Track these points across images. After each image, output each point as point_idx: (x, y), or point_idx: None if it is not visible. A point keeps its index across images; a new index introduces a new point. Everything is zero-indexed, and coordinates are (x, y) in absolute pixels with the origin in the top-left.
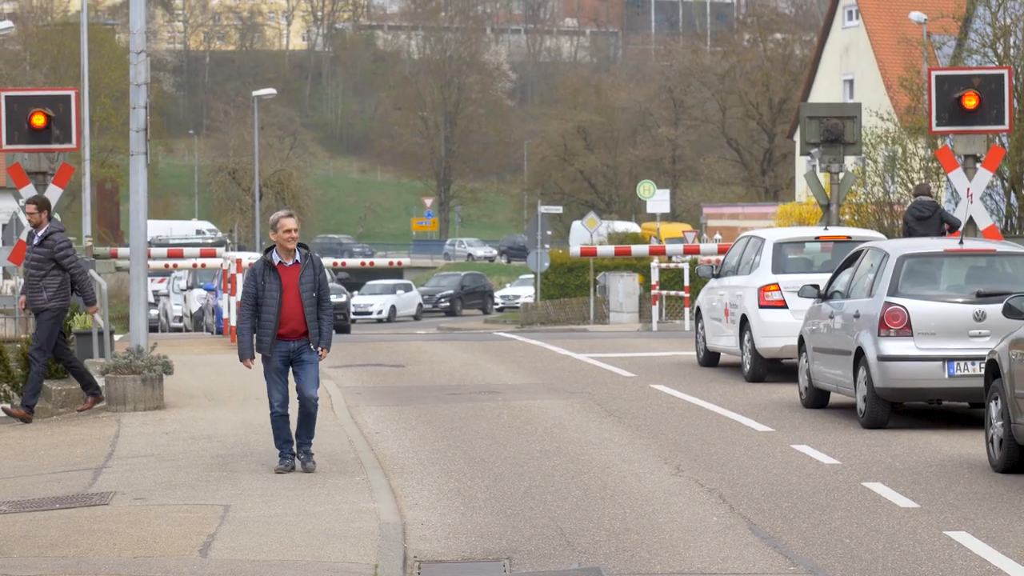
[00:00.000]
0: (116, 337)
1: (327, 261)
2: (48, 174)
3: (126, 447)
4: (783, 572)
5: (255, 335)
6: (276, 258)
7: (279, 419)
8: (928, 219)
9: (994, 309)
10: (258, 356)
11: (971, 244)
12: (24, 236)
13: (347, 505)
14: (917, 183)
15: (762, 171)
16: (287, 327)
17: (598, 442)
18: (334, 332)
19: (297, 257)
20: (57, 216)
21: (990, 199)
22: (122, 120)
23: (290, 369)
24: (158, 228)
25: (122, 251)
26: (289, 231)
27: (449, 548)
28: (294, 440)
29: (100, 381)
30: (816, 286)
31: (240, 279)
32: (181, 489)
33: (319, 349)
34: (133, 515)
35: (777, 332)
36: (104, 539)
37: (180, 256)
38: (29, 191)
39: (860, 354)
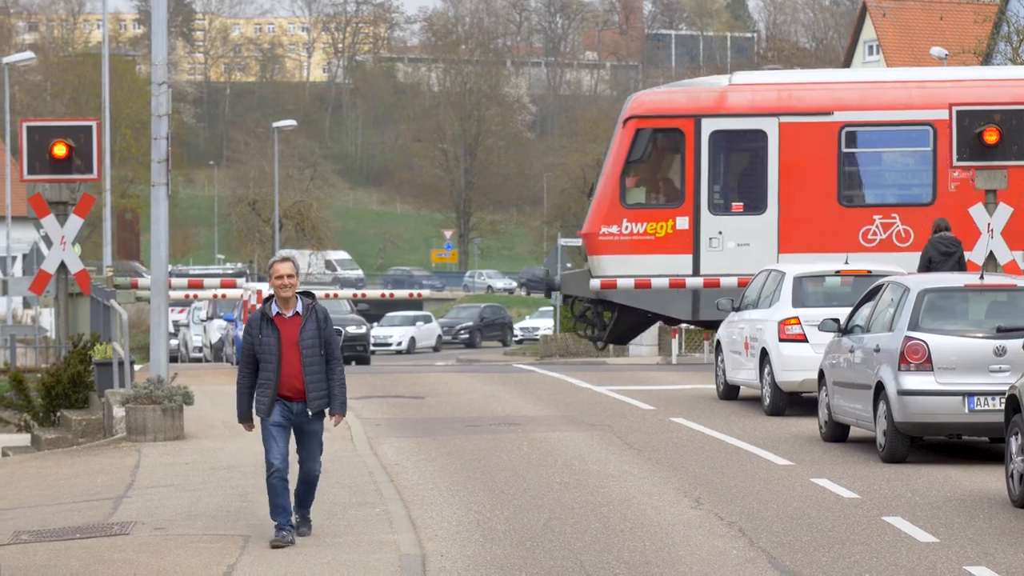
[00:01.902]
0: (136, 367)
1: (347, 292)
2: (69, 204)
3: (146, 477)
4: None
5: (255, 395)
6: (274, 309)
7: (276, 483)
8: (952, 255)
9: (1014, 344)
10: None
11: (992, 279)
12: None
13: (367, 536)
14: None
15: None
16: (286, 387)
17: (618, 475)
18: (354, 363)
19: (298, 308)
20: (78, 247)
21: None
22: (142, 151)
23: (292, 429)
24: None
25: (142, 281)
26: (281, 278)
27: None
28: (291, 510)
29: (120, 411)
30: (836, 320)
31: None
32: (201, 519)
33: (332, 415)
34: (153, 545)
35: (797, 366)
36: (124, 569)
37: (200, 287)
38: (50, 221)
39: (880, 388)
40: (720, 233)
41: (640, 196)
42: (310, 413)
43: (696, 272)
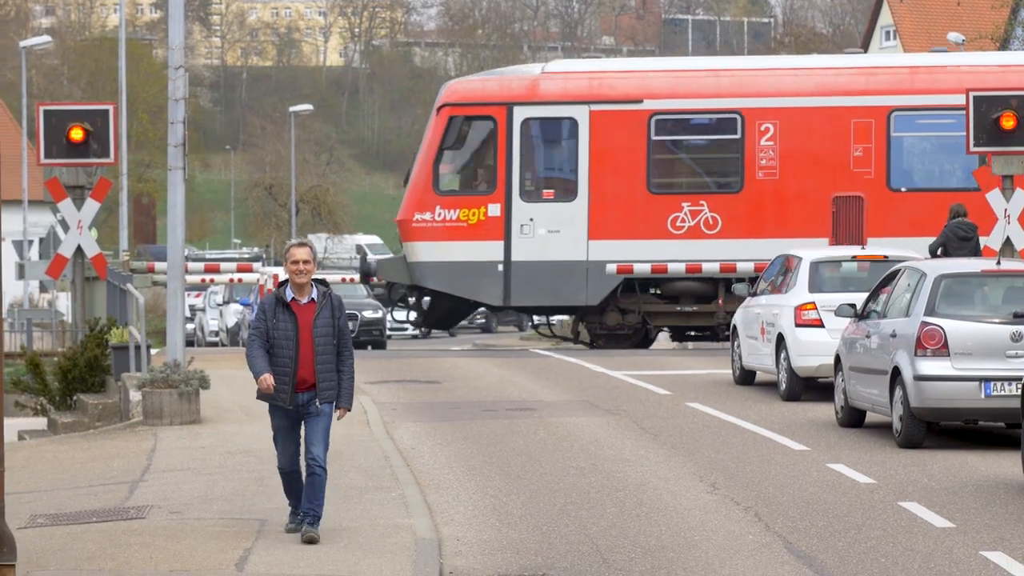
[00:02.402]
0: (152, 351)
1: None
2: (86, 188)
3: (163, 461)
4: None
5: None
6: (289, 294)
7: (289, 478)
8: (970, 240)
9: None
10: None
11: (1008, 265)
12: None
13: (383, 520)
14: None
15: None
16: (298, 375)
17: (634, 459)
18: (370, 347)
19: (313, 295)
20: (94, 232)
21: None
22: (159, 135)
23: (301, 424)
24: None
25: (159, 265)
26: (297, 263)
27: (484, 564)
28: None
29: (137, 395)
30: (853, 305)
31: None
32: (217, 503)
33: (339, 408)
34: (169, 529)
35: (813, 351)
36: (140, 552)
37: (216, 271)
38: (66, 205)
39: (896, 374)
40: (531, 220)
41: (453, 183)
42: (319, 404)
43: (507, 259)
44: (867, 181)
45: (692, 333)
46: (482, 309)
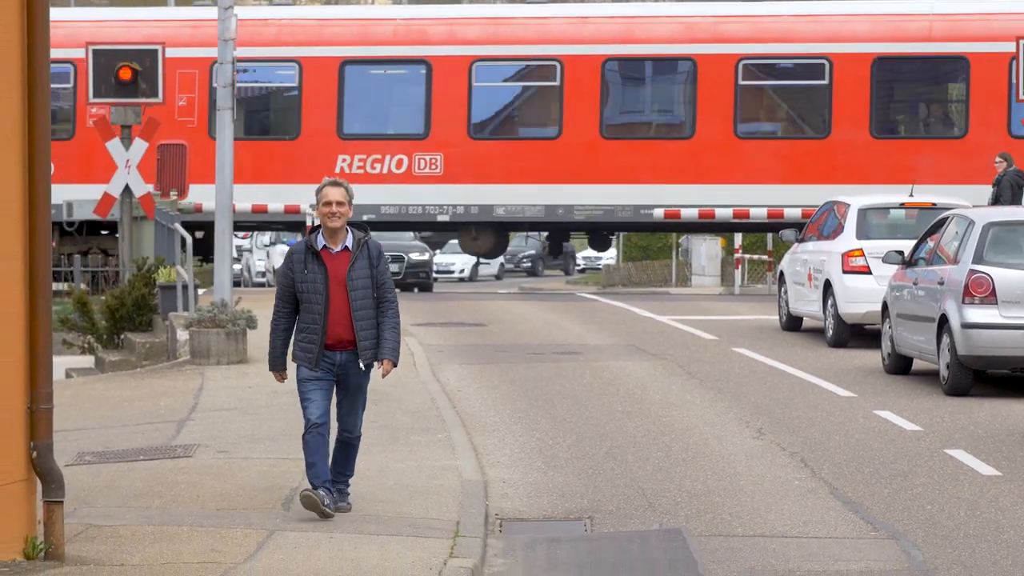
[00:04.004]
0: (200, 291)
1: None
2: (134, 127)
3: (210, 400)
4: (864, 537)
5: (294, 343)
6: (320, 242)
7: (314, 439)
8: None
9: None
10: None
11: None
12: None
13: (429, 462)
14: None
15: None
16: (330, 334)
17: (680, 404)
18: (417, 290)
19: (347, 242)
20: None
21: None
22: None
23: (335, 385)
24: None
25: (206, 205)
26: (330, 204)
27: (530, 507)
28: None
29: (184, 335)
30: (901, 252)
31: None
32: (264, 443)
33: (381, 361)
34: (216, 468)
35: (861, 298)
36: (187, 491)
37: (264, 211)
38: (115, 145)
39: (944, 321)
40: None
41: None
42: (362, 365)
43: None
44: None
45: None
46: (530, 252)
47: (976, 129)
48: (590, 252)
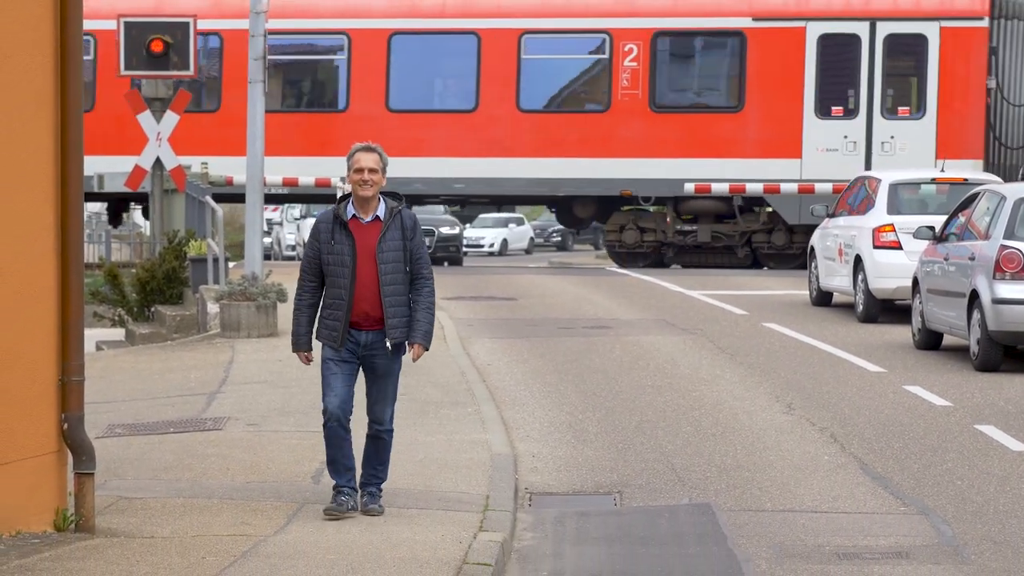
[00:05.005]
0: (230, 264)
1: None
2: (165, 100)
3: (240, 373)
4: (894, 512)
5: (319, 320)
6: (350, 211)
7: (333, 431)
8: None
9: None
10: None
11: None
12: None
13: (459, 436)
14: None
15: None
16: (356, 311)
17: (710, 379)
18: (447, 264)
19: (379, 212)
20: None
21: None
22: None
23: (360, 368)
24: None
25: (237, 178)
26: (361, 171)
27: (560, 481)
28: (355, 467)
29: (215, 307)
30: (932, 227)
31: None
32: (294, 416)
33: (412, 345)
34: (246, 440)
35: (891, 273)
36: (217, 463)
37: (295, 184)
38: (146, 117)
39: (974, 297)
40: None
41: None
42: (389, 345)
43: None
44: None
45: None
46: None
47: None
48: None
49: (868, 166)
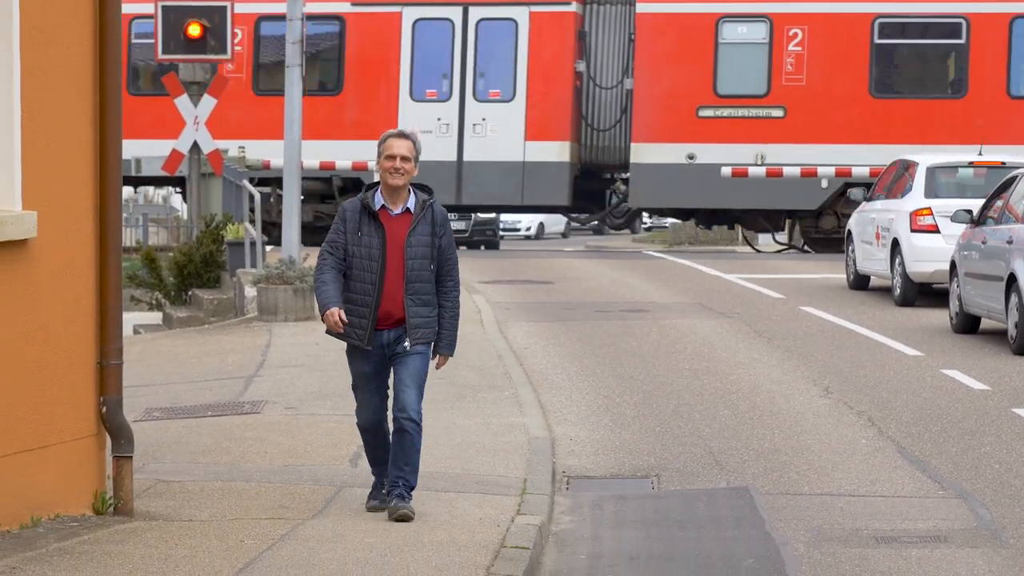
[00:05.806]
0: (268, 248)
1: None
2: (203, 84)
3: (277, 357)
4: (932, 496)
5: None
6: (379, 201)
7: (373, 435)
8: None
9: None
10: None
11: None
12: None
13: (496, 419)
14: None
15: None
16: (380, 308)
17: (747, 362)
18: (483, 247)
19: (409, 203)
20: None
21: None
22: None
23: (387, 363)
24: None
25: (275, 162)
26: (394, 159)
27: (597, 464)
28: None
29: (252, 291)
30: (969, 211)
31: None
32: (331, 399)
33: (437, 356)
34: (284, 424)
35: (929, 256)
36: (255, 447)
37: (332, 168)
38: (183, 101)
39: (1012, 280)
40: None
41: None
42: (407, 346)
43: None
44: None
45: None
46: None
47: None
48: None
49: (460, 147)
